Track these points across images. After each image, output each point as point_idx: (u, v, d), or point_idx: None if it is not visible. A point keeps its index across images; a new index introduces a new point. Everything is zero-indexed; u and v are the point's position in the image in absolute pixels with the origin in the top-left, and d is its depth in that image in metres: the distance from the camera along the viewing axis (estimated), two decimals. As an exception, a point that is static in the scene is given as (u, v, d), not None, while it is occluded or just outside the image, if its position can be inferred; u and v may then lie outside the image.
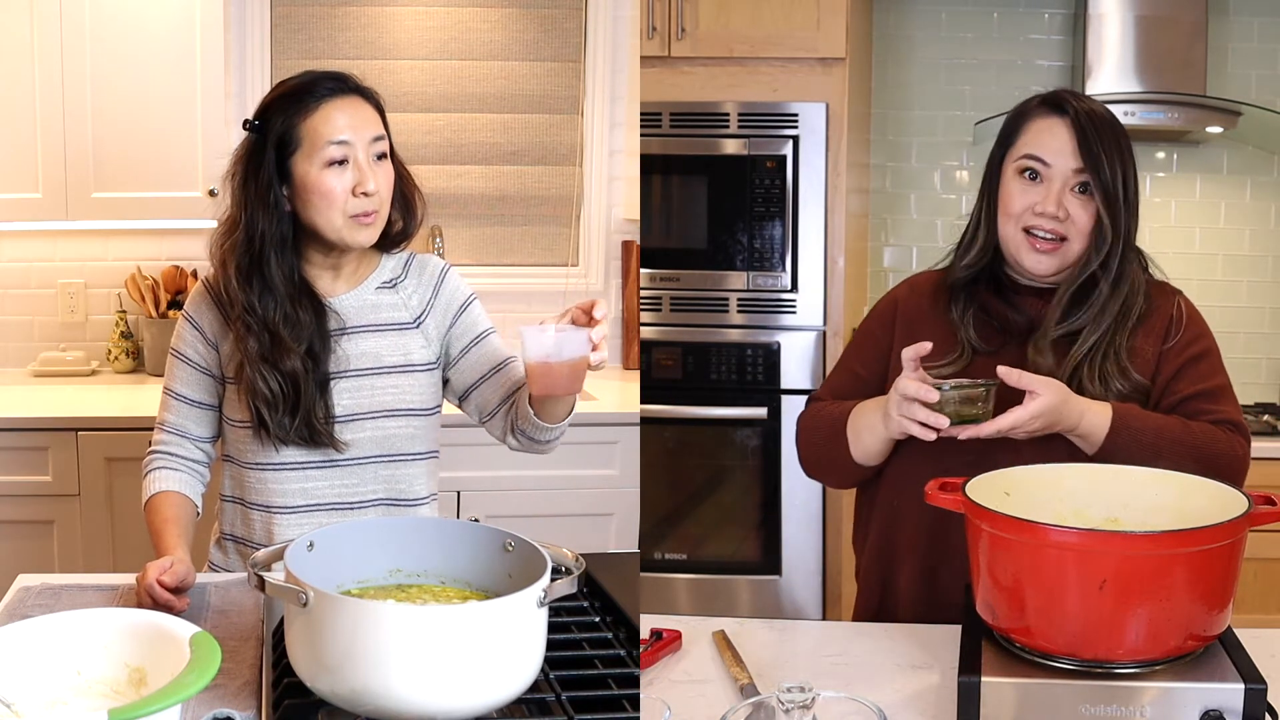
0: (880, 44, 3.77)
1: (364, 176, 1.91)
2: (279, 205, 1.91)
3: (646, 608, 1.73)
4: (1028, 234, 1.79)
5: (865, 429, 1.82)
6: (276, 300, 1.92)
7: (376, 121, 1.95)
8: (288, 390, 1.91)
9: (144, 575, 1.72)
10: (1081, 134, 1.76)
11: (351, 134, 1.90)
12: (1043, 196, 1.77)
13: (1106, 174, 1.76)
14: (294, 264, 1.95)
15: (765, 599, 3.29)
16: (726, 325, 3.29)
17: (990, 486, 1.52)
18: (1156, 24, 3.43)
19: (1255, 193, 3.75)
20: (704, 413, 3.28)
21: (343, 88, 1.93)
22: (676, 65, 3.26)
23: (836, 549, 3.24)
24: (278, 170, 1.91)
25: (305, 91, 1.92)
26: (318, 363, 1.94)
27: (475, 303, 2.11)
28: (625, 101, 3.87)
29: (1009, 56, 3.75)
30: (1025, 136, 1.80)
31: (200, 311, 2.01)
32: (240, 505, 2.03)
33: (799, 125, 3.22)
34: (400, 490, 2.02)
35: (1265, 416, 3.45)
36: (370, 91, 1.97)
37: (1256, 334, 3.79)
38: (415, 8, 3.80)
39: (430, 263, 2.11)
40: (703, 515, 3.37)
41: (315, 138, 1.89)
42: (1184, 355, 1.83)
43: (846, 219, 3.26)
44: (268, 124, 1.92)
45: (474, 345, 2.08)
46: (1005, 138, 1.84)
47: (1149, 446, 1.70)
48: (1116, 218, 1.77)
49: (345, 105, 1.92)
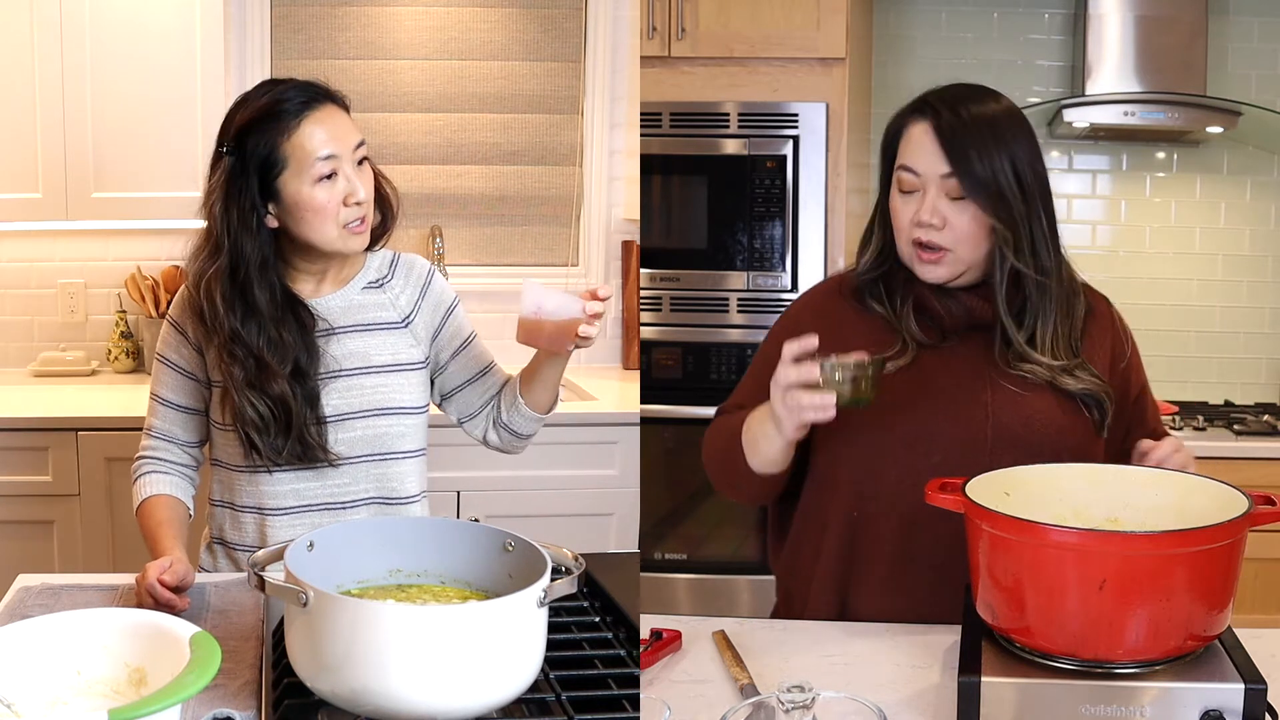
0: (880, 44, 3.77)
1: (353, 186, 1.91)
2: (262, 228, 1.91)
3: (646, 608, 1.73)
4: (916, 244, 1.74)
5: (761, 437, 1.73)
6: (260, 324, 1.91)
7: (353, 127, 1.95)
8: (278, 413, 1.91)
9: (144, 575, 1.72)
10: (947, 137, 1.70)
11: (337, 147, 1.90)
12: (918, 206, 1.72)
13: (981, 171, 1.68)
14: (275, 282, 1.94)
15: (765, 599, 3.28)
16: (726, 325, 3.29)
17: (990, 486, 1.52)
18: (1156, 24, 3.43)
19: (1255, 193, 3.75)
20: (704, 413, 3.26)
21: (315, 98, 1.92)
22: (676, 65, 3.26)
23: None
24: (262, 192, 1.90)
25: (279, 109, 1.89)
26: (305, 378, 1.93)
27: (460, 306, 2.13)
28: (625, 101, 3.87)
29: (1009, 56, 3.75)
30: (901, 146, 1.76)
31: (185, 316, 2.00)
32: (230, 509, 2.02)
33: (799, 125, 3.22)
34: (391, 489, 2.02)
35: (1265, 416, 3.45)
36: (339, 96, 1.96)
37: (1256, 334, 3.79)
38: (415, 8, 3.80)
39: (417, 263, 2.12)
40: (703, 515, 3.36)
41: (302, 156, 1.88)
42: (1141, 379, 1.90)
43: (846, 219, 3.26)
44: (244, 147, 1.89)
45: (462, 349, 2.11)
46: (887, 148, 1.80)
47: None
48: (1007, 212, 1.69)
49: (323, 118, 1.91)
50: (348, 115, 1.96)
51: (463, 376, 2.11)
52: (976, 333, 1.79)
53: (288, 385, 1.91)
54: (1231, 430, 3.32)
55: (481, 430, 2.15)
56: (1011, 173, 1.69)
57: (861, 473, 1.79)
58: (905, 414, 1.76)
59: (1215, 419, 3.43)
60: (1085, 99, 3.45)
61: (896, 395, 1.73)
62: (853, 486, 1.80)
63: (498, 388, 2.13)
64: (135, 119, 3.34)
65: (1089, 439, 1.79)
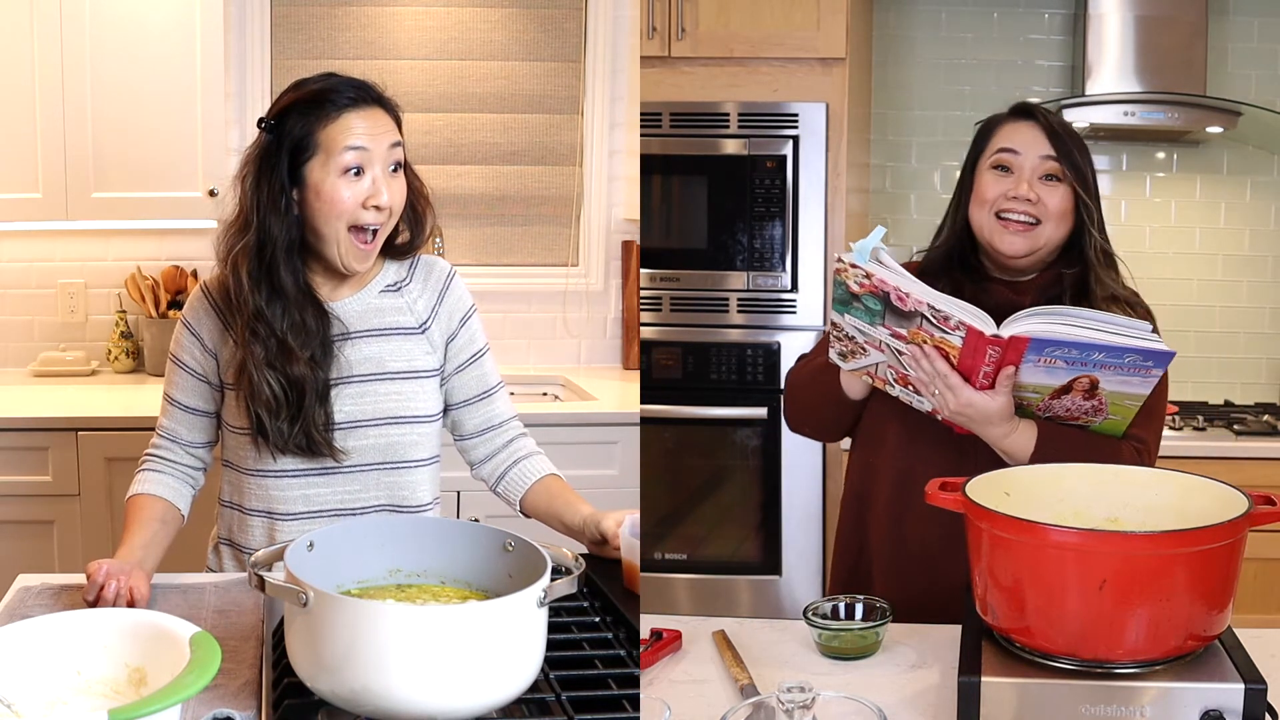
0: (880, 44, 3.77)
1: (378, 189, 1.88)
2: (290, 210, 1.88)
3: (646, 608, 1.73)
4: (1000, 218, 1.88)
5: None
6: (285, 306, 1.90)
7: (394, 130, 1.93)
8: (291, 396, 1.89)
9: (98, 567, 1.74)
10: (1052, 131, 1.89)
11: (370, 140, 1.87)
12: (1015, 183, 1.88)
13: (1078, 162, 1.87)
14: (300, 270, 1.92)
15: (765, 599, 3.29)
16: (726, 325, 3.29)
17: (990, 486, 1.52)
18: (1156, 24, 3.43)
19: (1255, 193, 3.75)
20: (704, 413, 3.28)
21: (365, 97, 1.91)
22: (676, 65, 3.26)
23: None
24: (290, 175, 1.88)
25: (326, 99, 1.88)
26: (320, 370, 1.92)
27: (475, 315, 2.10)
28: (625, 101, 3.87)
29: (1009, 56, 3.75)
30: (997, 137, 1.92)
31: (199, 318, 1.99)
32: (239, 511, 2.01)
33: (799, 125, 3.22)
34: (403, 497, 2.00)
35: (1265, 416, 3.45)
36: (391, 103, 1.95)
37: (1256, 334, 3.79)
38: (415, 8, 3.80)
39: (437, 265, 2.09)
40: (703, 515, 3.37)
41: (332, 145, 1.86)
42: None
43: (846, 219, 3.26)
44: (283, 126, 1.89)
45: (468, 364, 2.07)
46: (979, 142, 1.96)
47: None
48: (1091, 197, 1.88)
49: (366, 114, 1.89)
50: (393, 121, 1.94)
51: (463, 395, 2.08)
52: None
53: (306, 369, 1.90)
54: (1231, 430, 3.32)
55: (470, 459, 2.13)
56: (1092, 174, 1.90)
57: (867, 426, 1.99)
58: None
59: (1215, 419, 3.43)
60: (1085, 99, 3.45)
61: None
62: (864, 442, 2.01)
63: (495, 420, 2.10)
64: (135, 119, 3.34)
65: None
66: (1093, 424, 1.79)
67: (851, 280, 1.72)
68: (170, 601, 1.76)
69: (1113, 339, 1.64)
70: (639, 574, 1.82)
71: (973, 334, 1.66)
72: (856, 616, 1.70)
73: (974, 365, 1.70)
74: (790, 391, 2.08)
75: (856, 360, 1.85)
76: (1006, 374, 1.70)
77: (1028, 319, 1.67)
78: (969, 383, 1.72)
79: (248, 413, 1.93)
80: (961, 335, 1.68)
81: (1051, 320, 1.66)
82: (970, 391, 1.72)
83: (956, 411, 1.75)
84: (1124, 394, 1.71)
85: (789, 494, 3.26)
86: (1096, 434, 1.80)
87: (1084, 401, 1.74)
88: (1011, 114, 1.94)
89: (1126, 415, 1.76)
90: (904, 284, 1.67)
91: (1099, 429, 1.79)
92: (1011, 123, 1.92)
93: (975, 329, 1.66)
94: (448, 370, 2.06)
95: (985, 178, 1.91)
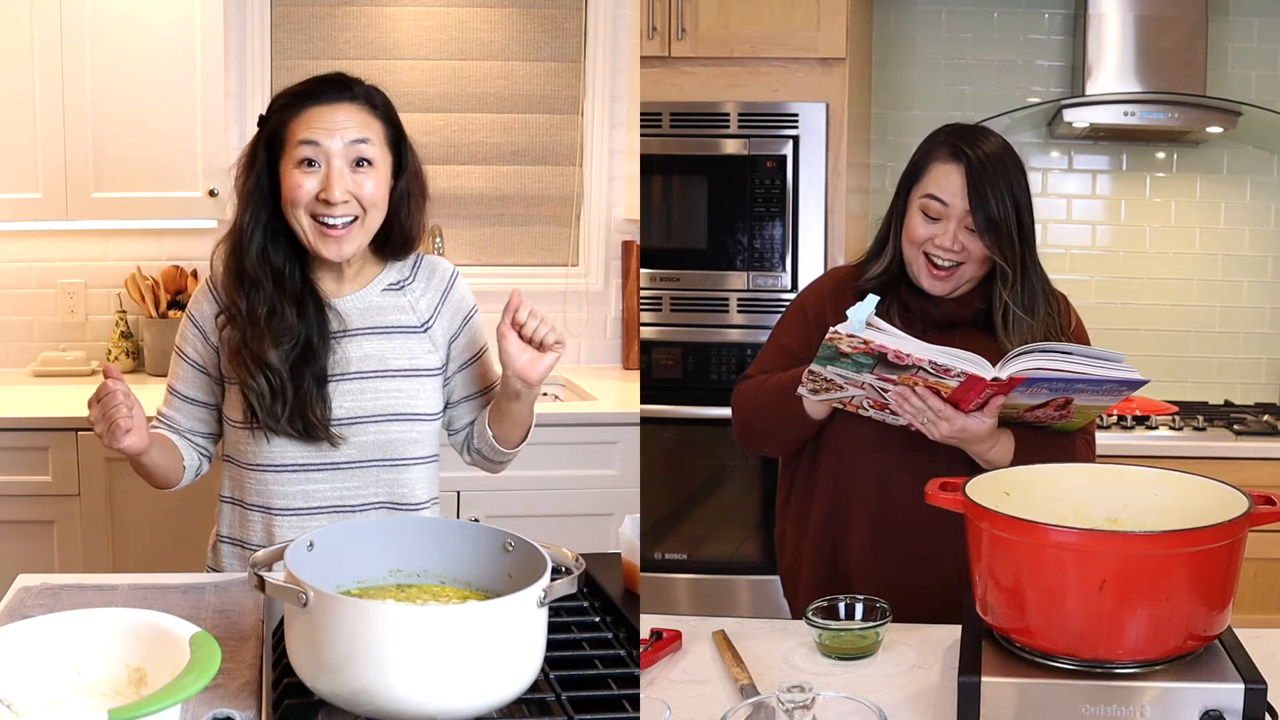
0: (880, 44, 3.77)
1: (329, 183, 1.88)
2: (265, 202, 1.92)
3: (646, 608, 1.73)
4: (927, 259, 1.99)
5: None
6: (262, 294, 1.92)
7: (365, 126, 1.92)
8: (274, 382, 1.91)
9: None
10: (974, 179, 1.95)
11: (324, 135, 1.88)
12: (941, 232, 1.97)
13: (994, 211, 1.95)
14: (287, 263, 1.95)
15: (765, 599, 3.29)
16: (726, 325, 3.29)
17: (990, 486, 1.53)
18: (1156, 24, 3.43)
19: (1255, 193, 3.75)
20: (704, 413, 3.28)
21: (344, 94, 1.92)
22: (676, 65, 3.26)
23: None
24: (269, 169, 1.92)
25: (300, 94, 1.92)
26: (315, 358, 1.93)
27: (478, 315, 2.11)
28: (625, 101, 3.87)
29: (1009, 56, 3.75)
30: (928, 177, 2.00)
31: (201, 310, 2.02)
32: (239, 506, 2.02)
33: (799, 125, 3.22)
34: (401, 494, 2.01)
35: (1265, 416, 3.45)
36: (376, 96, 1.95)
37: (1256, 334, 3.79)
38: (415, 8, 3.80)
39: (440, 266, 2.10)
40: (703, 515, 3.37)
41: (291, 139, 1.90)
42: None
43: (846, 219, 3.26)
44: (268, 122, 1.94)
45: (471, 363, 2.09)
46: (912, 172, 2.03)
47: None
48: (1004, 245, 1.96)
49: (330, 109, 1.90)
50: (374, 116, 1.94)
51: (463, 392, 2.10)
52: (953, 329, 2.02)
53: (284, 358, 1.91)
54: (1231, 430, 3.32)
55: (458, 446, 2.15)
56: (1021, 211, 1.97)
57: (839, 436, 2.04)
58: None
59: (1215, 419, 3.43)
60: (1085, 99, 3.45)
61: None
62: (834, 448, 2.05)
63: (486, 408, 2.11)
64: (135, 119, 3.34)
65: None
66: (1055, 424, 1.94)
67: (845, 345, 1.78)
68: (170, 601, 1.75)
69: (1096, 372, 1.78)
70: (639, 574, 1.82)
71: (972, 378, 1.77)
72: (856, 616, 1.71)
73: (965, 397, 1.81)
74: (742, 414, 2.12)
75: (829, 394, 1.92)
76: (998, 403, 1.83)
77: (1022, 359, 1.78)
78: (959, 410, 1.83)
79: (244, 405, 1.93)
80: (959, 380, 1.77)
81: (1043, 360, 1.78)
82: (963, 419, 1.84)
83: (949, 436, 1.85)
84: (1093, 406, 1.88)
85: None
86: (1058, 433, 1.95)
87: (1055, 412, 1.89)
88: (945, 150, 1.99)
89: (1087, 418, 1.94)
90: (904, 345, 1.76)
91: (1059, 428, 1.94)
92: (942, 165, 1.98)
93: (975, 375, 1.76)
94: (448, 371, 2.07)
95: (915, 218, 2.00)
